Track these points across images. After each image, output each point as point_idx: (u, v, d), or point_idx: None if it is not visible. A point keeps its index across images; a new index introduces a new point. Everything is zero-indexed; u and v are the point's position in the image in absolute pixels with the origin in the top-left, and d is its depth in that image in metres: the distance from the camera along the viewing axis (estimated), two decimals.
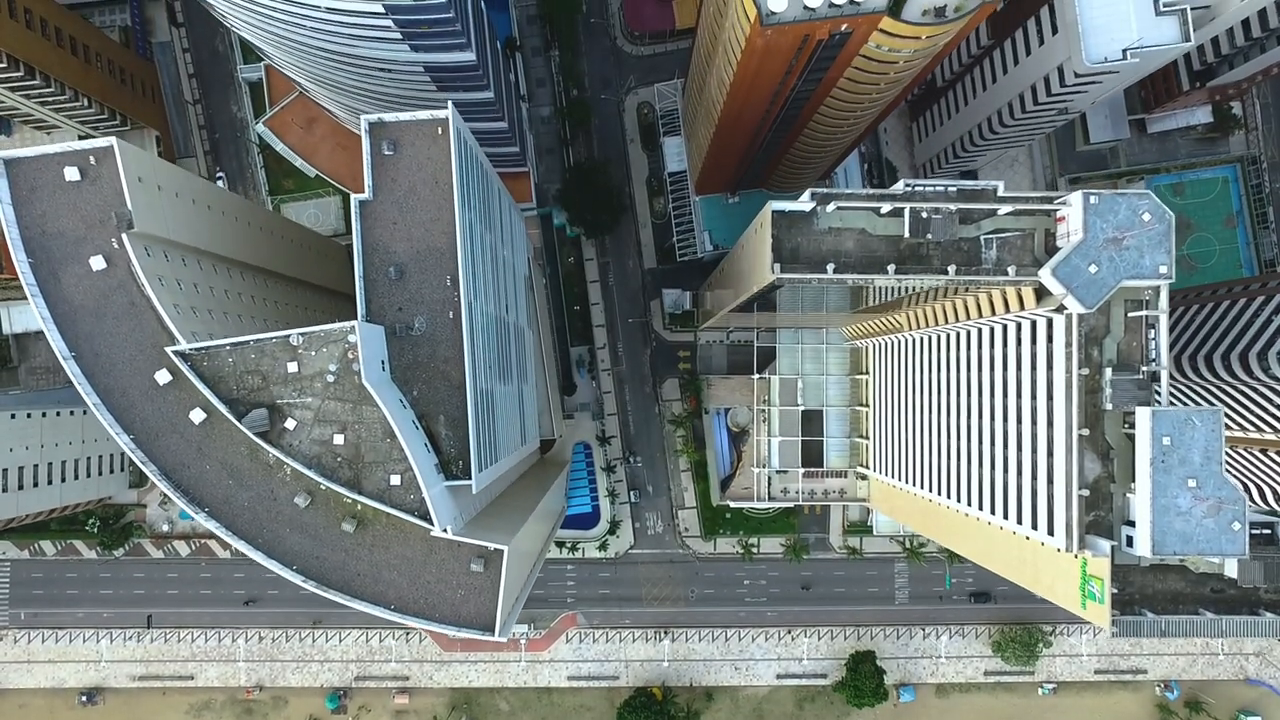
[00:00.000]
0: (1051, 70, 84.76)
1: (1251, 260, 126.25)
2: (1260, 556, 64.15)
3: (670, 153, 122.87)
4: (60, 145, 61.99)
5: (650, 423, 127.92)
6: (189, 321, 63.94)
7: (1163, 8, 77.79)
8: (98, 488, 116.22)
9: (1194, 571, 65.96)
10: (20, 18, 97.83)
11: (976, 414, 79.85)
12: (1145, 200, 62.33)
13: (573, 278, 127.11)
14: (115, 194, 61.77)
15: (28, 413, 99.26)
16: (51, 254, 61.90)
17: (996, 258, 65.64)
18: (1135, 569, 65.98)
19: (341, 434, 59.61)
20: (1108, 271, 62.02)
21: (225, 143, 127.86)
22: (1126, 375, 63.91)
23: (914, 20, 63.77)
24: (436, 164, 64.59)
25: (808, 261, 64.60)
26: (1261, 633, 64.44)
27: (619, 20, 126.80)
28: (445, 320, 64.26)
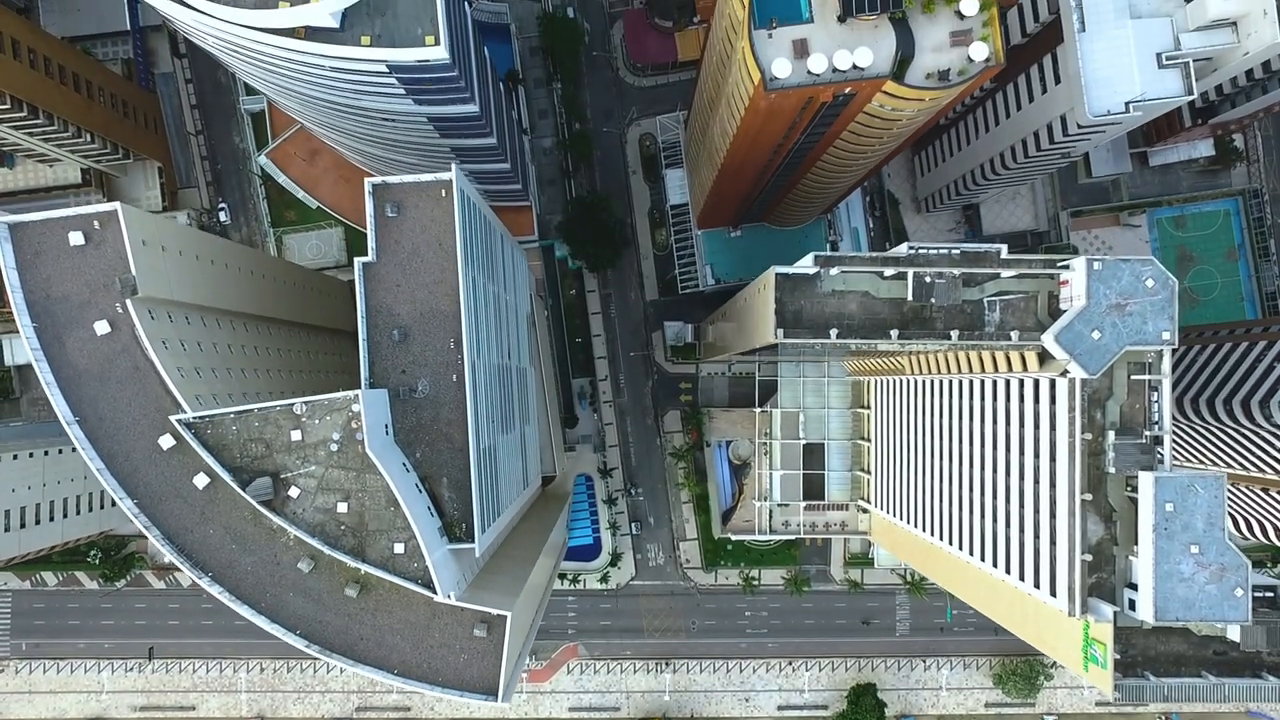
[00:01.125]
0: (1054, 119, 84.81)
1: (1253, 293, 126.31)
2: (1263, 621, 64.06)
3: (672, 185, 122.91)
4: (64, 210, 62.12)
5: (652, 454, 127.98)
6: (193, 384, 64.02)
7: (1165, 61, 77.75)
8: (99, 521, 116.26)
9: (1196, 634, 65.94)
10: (24, 57, 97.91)
11: (977, 464, 79.80)
12: (1148, 266, 62.39)
13: (574, 309, 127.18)
14: (119, 258, 61.90)
15: (29, 452, 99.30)
16: (56, 318, 62.00)
17: (1000, 320, 65.72)
18: (1138, 631, 65.92)
19: (345, 502, 59.70)
20: (1111, 338, 62.07)
21: (227, 174, 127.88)
22: (1129, 439, 63.93)
23: (917, 84, 63.87)
24: (440, 226, 64.65)
25: (811, 324, 64.67)
26: (1265, 698, 64.42)
27: (621, 52, 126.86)
28: (449, 383, 64.30)
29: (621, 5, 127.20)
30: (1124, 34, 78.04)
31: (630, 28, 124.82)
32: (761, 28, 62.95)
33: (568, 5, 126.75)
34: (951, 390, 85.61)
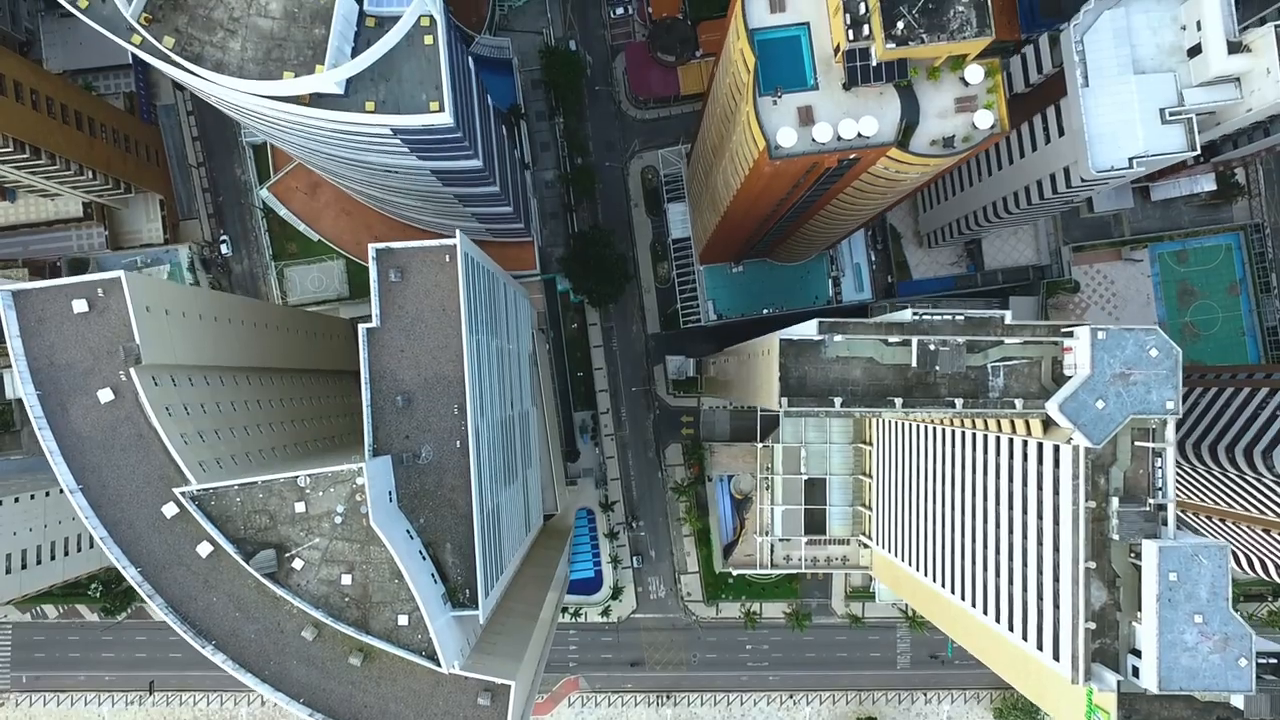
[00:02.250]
0: (1057, 170, 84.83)
1: (1255, 327, 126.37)
2: (1267, 689, 64.06)
3: (674, 219, 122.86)
4: (68, 279, 62.11)
5: (653, 487, 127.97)
6: (196, 450, 63.95)
7: (1169, 116, 77.80)
8: (100, 557, 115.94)
9: (1200, 700, 65.91)
10: (26, 99, 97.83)
11: (979, 516, 79.79)
12: (1152, 336, 62.38)
13: (576, 343, 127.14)
14: (123, 325, 61.85)
15: (31, 494, 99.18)
16: (59, 385, 61.92)
17: (1004, 385, 65.67)
18: (1141, 696, 65.73)
19: (349, 574, 59.67)
20: (1115, 407, 62.07)
21: (229, 205, 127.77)
22: (1133, 507, 63.91)
23: (922, 152, 63.89)
24: (444, 291, 64.64)
25: (815, 390, 64.59)
26: None
27: (623, 84, 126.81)
28: (452, 449, 64.28)
29: (624, 38, 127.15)
30: (1127, 89, 78.11)
31: (632, 61, 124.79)
32: (767, 94, 62.94)
33: (570, 38, 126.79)
34: (955, 438, 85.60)
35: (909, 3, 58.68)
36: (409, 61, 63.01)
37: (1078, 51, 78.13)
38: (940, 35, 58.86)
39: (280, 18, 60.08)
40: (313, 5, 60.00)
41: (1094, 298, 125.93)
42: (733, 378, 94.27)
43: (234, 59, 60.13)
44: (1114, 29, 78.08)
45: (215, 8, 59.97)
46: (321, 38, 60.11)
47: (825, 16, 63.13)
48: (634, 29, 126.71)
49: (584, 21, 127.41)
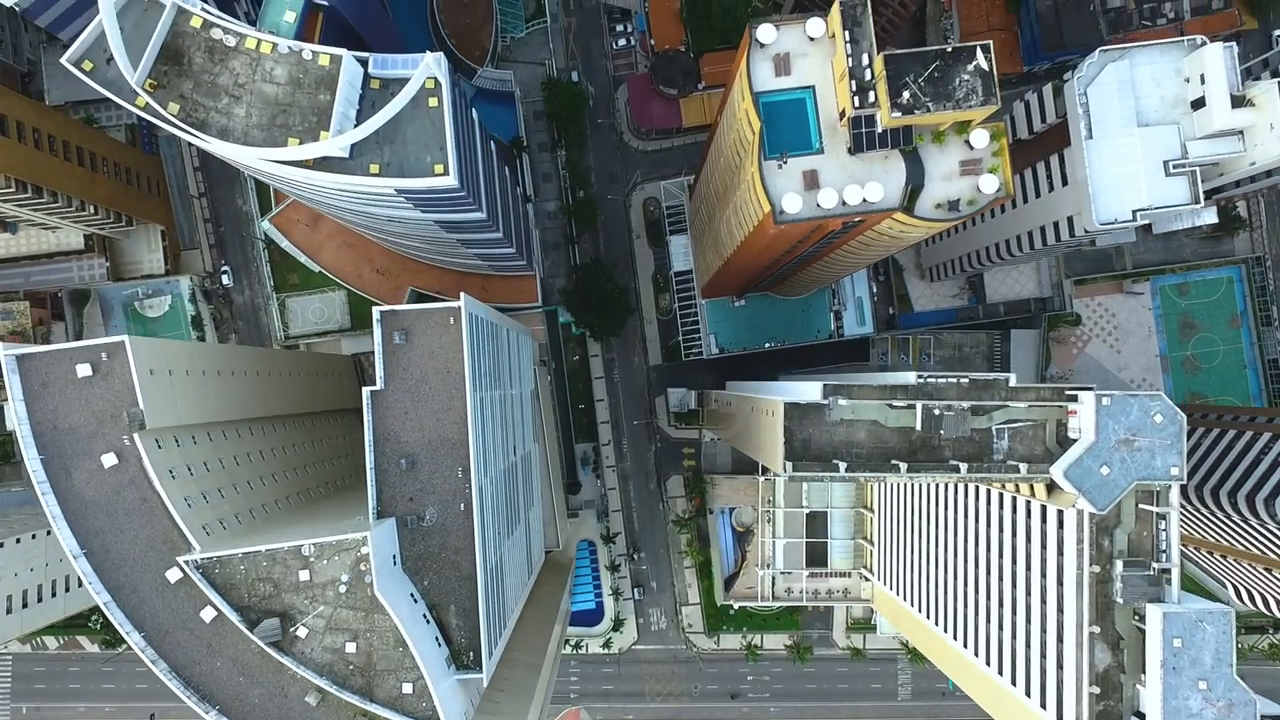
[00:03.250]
0: (1061, 218, 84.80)
1: (1256, 360, 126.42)
2: None
3: (676, 251, 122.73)
4: (72, 343, 62.03)
5: (654, 519, 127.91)
6: (200, 513, 63.89)
7: (1173, 169, 77.77)
8: None
9: None
10: (29, 138, 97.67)
11: (983, 568, 79.77)
12: (1157, 402, 62.45)
13: (578, 374, 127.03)
14: (127, 389, 61.79)
15: (32, 534, 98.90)
16: (63, 450, 61.86)
17: (1008, 447, 65.67)
18: None
19: (354, 642, 59.59)
20: (1119, 473, 62.10)
21: (230, 236, 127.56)
22: (1137, 571, 63.91)
23: (927, 216, 63.86)
24: (448, 353, 64.57)
25: (820, 453, 64.58)
26: None
27: (626, 116, 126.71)
28: (456, 511, 64.21)
29: (626, 69, 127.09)
30: (1131, 141, 78.06)
31: (634, 93, 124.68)
32: (772, 158, 62.86)
33: (572, 69, 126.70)
34: (959, 486, 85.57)
35: (915, 72, 58.66)
36: (413, 123, 62.98)
37: (1081, 104, 78.02)
38: (946, 104, 58.83)
39: (285, 83, 60.03)
40: (318, 71, 59.96)
41: (1095, 330, 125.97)
42: (734, 423, 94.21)
43: (239, 125, 60.07)
44: (1118, 81, 78.04)
45: (220, 73, 59.90)
46: (326, 104, 60.09)
47: (830, 81, 63.08)
48: (636, 60, 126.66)
49: (586, 52, 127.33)
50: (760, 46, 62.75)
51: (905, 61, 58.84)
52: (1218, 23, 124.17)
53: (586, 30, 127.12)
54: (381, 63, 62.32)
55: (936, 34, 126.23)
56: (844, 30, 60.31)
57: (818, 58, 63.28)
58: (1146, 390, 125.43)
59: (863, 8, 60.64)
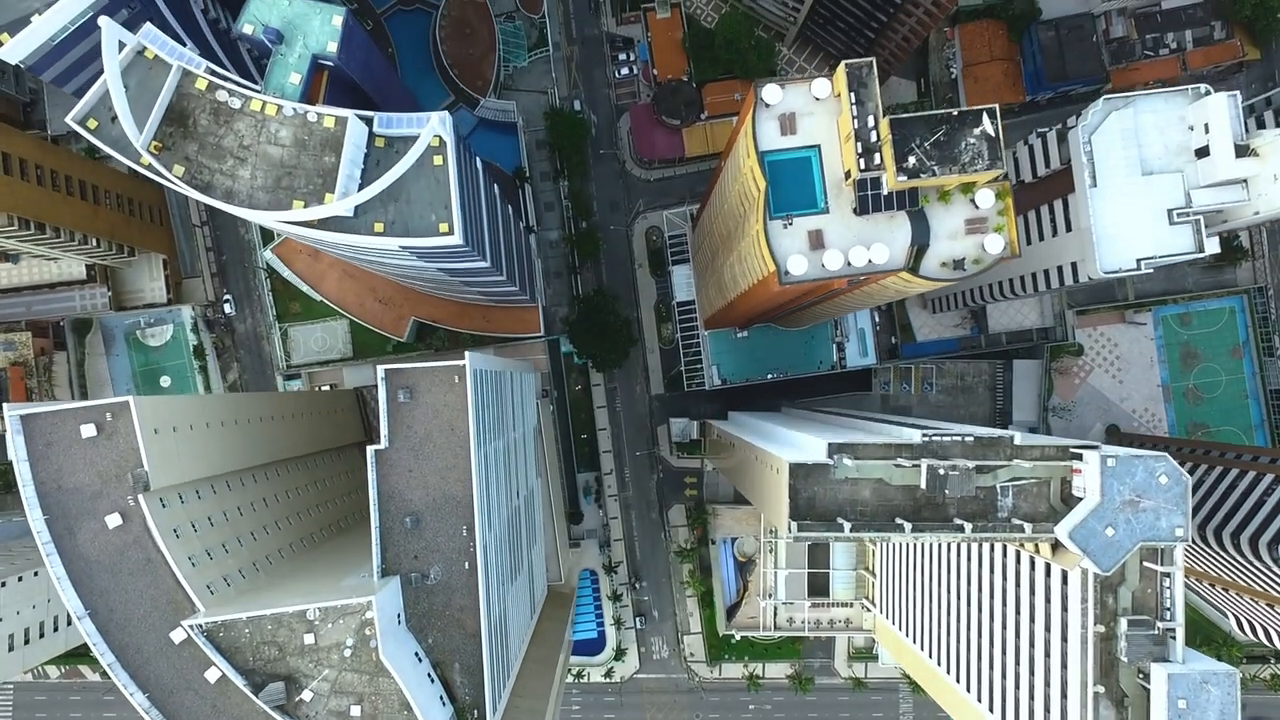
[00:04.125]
0: (1065, 264, 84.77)
1: (1258, 390, 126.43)
2: None
3: (679, 281, 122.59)
4: (76, 403, 61.94)
5: (656, 548, 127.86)
6: (204, 572, 63.86)
7: (1176, 218, 77.69)
8: None
9: None
10: (31, 176, 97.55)
11: (987, 614, 79.78)
12: (1161, 463, 62.37)
13: (580, 404, 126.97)
14: (131, 449, 61.75)
15: (34, 571, 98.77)
16: (67, 510, 61.82)
17: (1012, 505, 65.61)
18: None
19: (359, 705, 59.51)
20: (1124, 534, 62.06)
21: (232, 264, 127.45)
22: (1142, 630, 63.91)
23: (932, 275, 63.84)
24: (453, 411, 64.51)
25: (824, 511, 64.51)
26: None
27: (628, 144, 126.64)
28: (461, 569, 64.19)
29: (628, 98, 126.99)
30: (1135, 190, 77.95)
31: (637, 123, 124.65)
32: (777, 218, 62.81)
33: (574, 98, 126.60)
34: None
35: (920, 135, 58.62)
36: (418, 182, 62.88)
37: (1086, 152, 77.93)
38: (952, 168, 58.80)
39: (290, 145, 59.96)
40: (322, 133, 59.89)
41: (1098, 360, 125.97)
42: (736, 463, 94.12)
43: (244, 187, 60.01)
44: (1122, 130, 77.95)
45: (225, 135, 59.83)
46: (331, 165, 60.03)
47: (836, 140, 63.01)
48: (639, 89, 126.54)
49: (589, 81, 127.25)
50: (765, 106, 62.69)
51: (911, 125, 58.83)
52: (1220, 53, 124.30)
53: (589, 59, 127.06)
54: (387, 121, 62.22)
55: (939, 62, 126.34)
56: (850, 92, 60.28)
57: (823, 116, 63.25)
58: (1148, 418, 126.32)
59: (868, 69, 60.62)
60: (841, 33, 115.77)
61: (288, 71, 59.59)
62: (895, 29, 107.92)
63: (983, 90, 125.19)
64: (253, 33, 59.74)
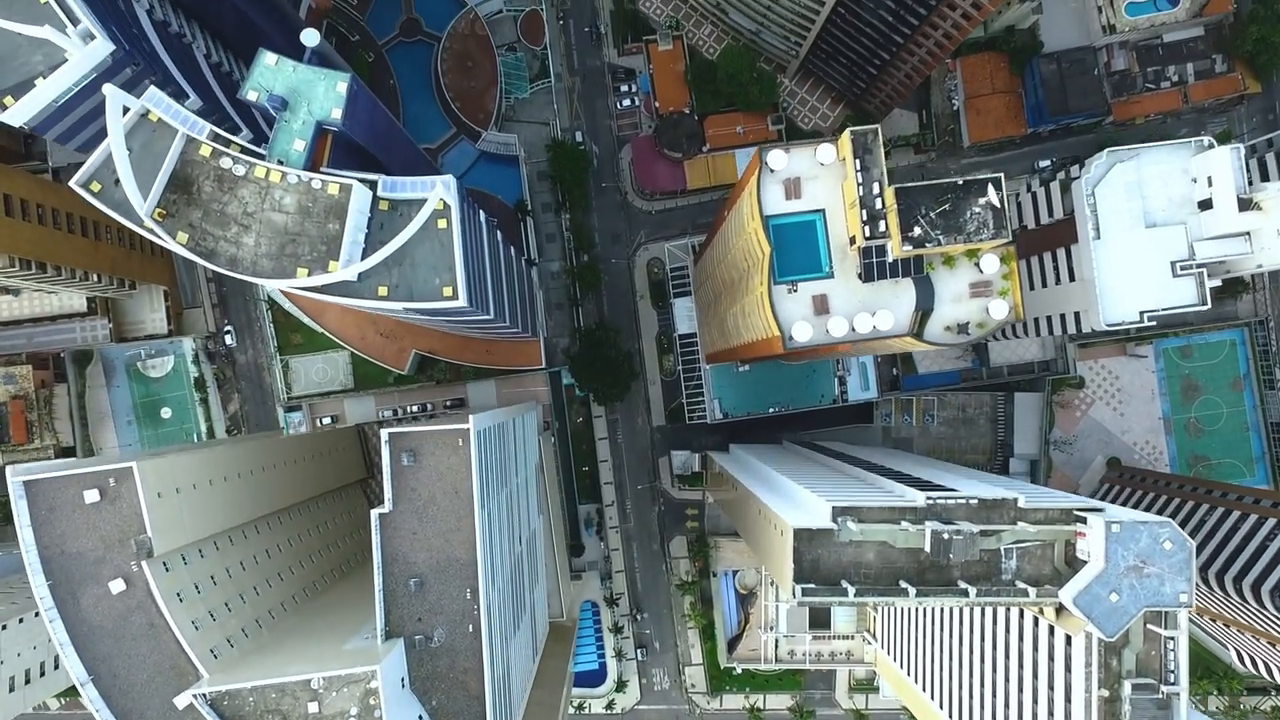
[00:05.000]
0: (1069, 312, 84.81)
1: (1259, 423, 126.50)
2: None
3: (680, 314, 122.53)
4: (80, 468, 61.83)
5: (658, 579, 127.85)
6: (208, 635, 63.76)
7: (1180, 270, 77.75)
8: None
9: None
10: (32, 216, 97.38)
11: (990, 665, 79.79)
12: (1165, 529, 62.37)
13: (581, 435, 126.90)
14: (134, 514, 61.69)
15: (35, 612, 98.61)
16: (70, 575, 61.71)
17: (1016, 567, 65.58)
18: None
19: None
20: (1129, 600, 62.03)
21: (233, 295, 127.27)
22: (1146, 694, 63.95)
23: (936, 340, 63.83)
24: (456, 474, 64.49)
25: (829, 574, 64.42)
26: None
27: (630, 176, 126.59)
28: (464, 632, 64.15)
29: (630, 129, 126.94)
30: (1138, 242, 78.03)
31: (638, 155, 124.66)
32: (782, 283, 62.77)
33: (576, 129, 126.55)
34: None
35: (926, 204, 58.60)
36: (422, 245, 62.77)
37: (1089, 204, 77.99)
38: (957, 237, 58.81)
39: (294, 212, 59.88)
40: (326, 200, 59.81)
41: (1099, 393, 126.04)
42: (737, 507, 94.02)
43: (248, 254, 59.94)
44: (1125, 182, 78.04)
45: (229, 202, 59.73)
46: (336, 232, 59.94)
47: (841, 204, 63.00)
48: (640, 120, 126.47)
49: (590, 112, 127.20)
50: (770, 171, 62.66)
51: (916, 194, 58.82)
52: (1221, 86, 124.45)
53: (591, 90, 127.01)
54: (391, 185, 62.15)
55: (941, 94, 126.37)
56: (855, 159, 60.22)
57: (828, 180, 63.23)
58: (1149, 451, 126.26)
59: (873, 135, 60.57)
60: (844, 67, 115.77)
61: (292, 138, 59.46)
62: (898, 66, 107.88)
63: (984, 123, 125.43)
64: (257, 99, 59.59)
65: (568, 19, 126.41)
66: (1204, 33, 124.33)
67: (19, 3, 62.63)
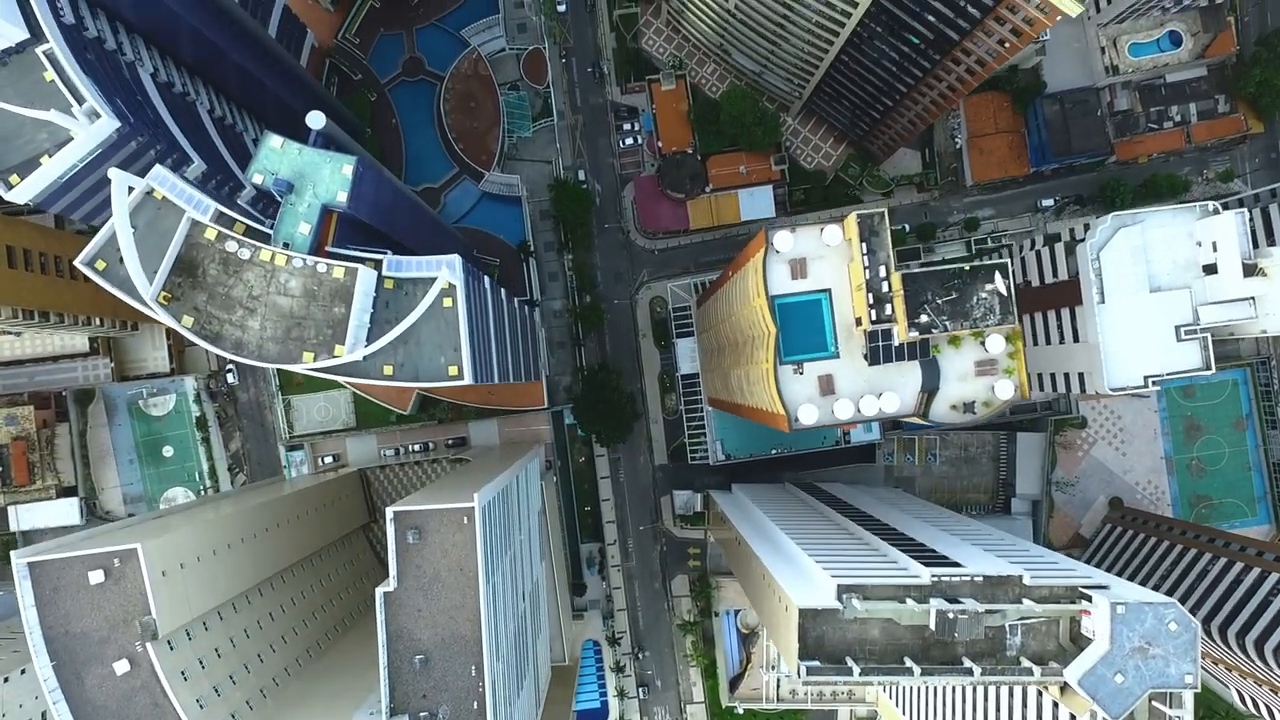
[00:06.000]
0: (1073, 373, 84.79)
1: (1261, 463, 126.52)
2: None
3: (683, 355, 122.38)
4: (84, 548, 61.80)
5: (659, 618, 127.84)
6: (212, 713, 63.94)
7: (1184, 335, 77.72)
8: None
9: None
10: (35, 265, 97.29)
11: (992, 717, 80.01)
12: (1171, 610, 62.34)
13: (583, 474, 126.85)
14: (139, 594, 61.69)
15: None
16: (75, 655, 61.60)
17: (1021, 643, 65.54)
18: None
19: None
20: (1134, 681, 62.04)
21: None
22: None
23: (941, 419, 63.76)
24: (461, 551, 64.42)
25: (833, 652, 64.42)
26: None
27: (633, 214, 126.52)
28: (469, 709, 64.11)
29: (633, 167, 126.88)
30: (1143, 307, 77.93)
31: (641, 194, 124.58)
32: (787, 363, 62.72)
33: (579, 167, 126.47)
34: None
35: (932, 290, 58.56)
36: (428, 324, 62.74)
37: (1094, 269, 77.86)
38: (963, 323, 58.78)
39: (300, 295, 59.80)
40: (332, 284, 59.75)
41: (1101, 433, 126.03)
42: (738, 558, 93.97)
43: (253, 338, 59.84)
44: (1130, 247, 77.93)
45: (235, 286, 59.66)
46: (341, 316, 59.88)
47: (847, 284, 62.95)
48: (643, 158, 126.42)
49: (593, 150, 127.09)
50: (776, 252, 62.61)
51: (923, 279, 58.81)
52: (1224, 127, 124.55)
53: (594, 128, 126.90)
54: (396, 265, 62.11)
55: (944, 133, 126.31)
56: (861, 242, 60.18)
57: (834, 260, 63.20)
58: (1151, 491, 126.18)
59: (879, 218, 60.52)
60: (847, 110, 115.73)
61: (297, 221, 59.36)
62: (903, 111, 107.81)
63: (987, 162, 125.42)
64: (262, 183, 59.55)
65: (570, 57, 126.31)
66: (1207, 73, 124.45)
67: (24, 81, 62.55)
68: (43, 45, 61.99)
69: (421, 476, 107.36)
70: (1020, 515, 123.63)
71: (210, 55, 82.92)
